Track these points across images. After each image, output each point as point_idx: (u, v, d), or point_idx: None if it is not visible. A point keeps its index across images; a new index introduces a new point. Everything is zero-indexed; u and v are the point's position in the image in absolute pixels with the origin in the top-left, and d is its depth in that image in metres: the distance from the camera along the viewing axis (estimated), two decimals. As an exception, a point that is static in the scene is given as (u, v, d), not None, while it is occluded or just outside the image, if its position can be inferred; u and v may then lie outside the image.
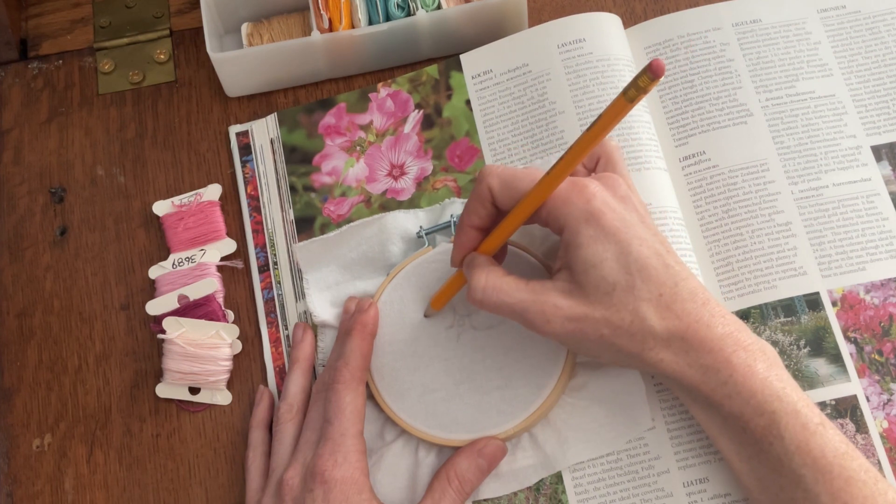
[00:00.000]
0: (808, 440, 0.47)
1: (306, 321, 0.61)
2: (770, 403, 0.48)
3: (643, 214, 0.52)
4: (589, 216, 0.50)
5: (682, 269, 0.50)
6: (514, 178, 0.52)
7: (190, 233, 0.64)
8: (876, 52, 0.65)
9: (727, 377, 0.49)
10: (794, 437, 0.47)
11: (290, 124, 0.67)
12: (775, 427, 0.48)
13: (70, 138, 0.69)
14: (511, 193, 0.52)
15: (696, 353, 0.49)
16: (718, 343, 0.49)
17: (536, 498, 0.55)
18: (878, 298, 0.58)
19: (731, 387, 0.49)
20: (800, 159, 0.62)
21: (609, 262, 0.49)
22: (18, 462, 0.60)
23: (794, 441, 0.47)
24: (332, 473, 0.52)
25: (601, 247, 0.49)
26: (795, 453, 0.47)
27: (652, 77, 0.43)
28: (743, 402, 0.48)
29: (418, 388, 0.57)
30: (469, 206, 0.54)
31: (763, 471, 0.49)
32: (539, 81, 0.64)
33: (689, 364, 0.49)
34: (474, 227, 0.54)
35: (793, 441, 0.47)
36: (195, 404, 0.61)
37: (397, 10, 0.66)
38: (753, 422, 0.48)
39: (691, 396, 0.51)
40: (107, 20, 0.72)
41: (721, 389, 0.49)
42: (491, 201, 0.53)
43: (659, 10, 0.69)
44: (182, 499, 0.59)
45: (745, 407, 0.48)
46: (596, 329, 0.50)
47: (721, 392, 0.49)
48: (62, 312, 0.64)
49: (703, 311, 0.49)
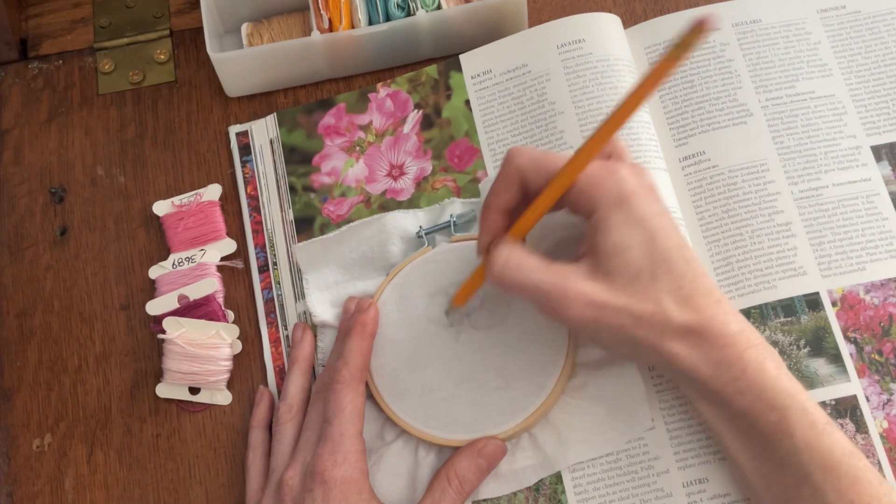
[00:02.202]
0: (818, 438, 0.48)
1: (306, 321, 0.61)
2: (781, 400, 0.48)
3: (665, 207, 0.52)
4: (620, 200, 0.49)
5: (699, 266, 0.50)
6: (545, 157, 0.52)
7: (190, 233, 0.64)
8: (876, 52, 0.65)
9: (739, 373, 0.49)
10: (804, 435, 0.48)
11: (289, 124, 0.67)
12: (785, 424, 0.48)
13: (70, 138, 0.69)
14: (542, 173, 0.51)
15: (710, 348, 0.49)
16: (732, 339, 0.49)
17: (536, 498, 0.55)
18: (877, 298, 0.58)
19: (743, 382, 0.49)
20: (800, 159, 0.62)
21: (636, 249, 0.49)
22: (18, 462, 0.60)
23: (804, 438, 0.47)
24: (332, 473, 0.52)
25: (629, 231, 0.49)
26: (804, 451, 0.47)
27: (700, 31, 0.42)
28: (754, 397, 0.48)
29: (418, 388, 0.57)
30: (495, 187, 0.53)
31: (770, 468, 0.49)
32: (539, 82, 0.64)
33: (703, 359, 0.49)
34: (499, 209, 0.53)
35: (802, 438, 0.47)
36: (195, 404, 0.61)
37: (397, 10, 0.66)
38: (764, 418, 0.48)
39: (701, 393, 0.51)
40: (107, 20, 0.72)
41: (733, 385, 0.49)
42: (518, 183, 0.52)
43: (659, 10, 0.69)
44: (182, 499, 0.59)
45: (757, 403, 0.48)
46: (617, 317, 0.49)
47: (733, 387, 0.49)
48: (62, 312, 0.64)
49: (718, 308, 0.49)
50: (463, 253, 0.59)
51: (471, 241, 0.59)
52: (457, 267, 0.59)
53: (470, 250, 0.59)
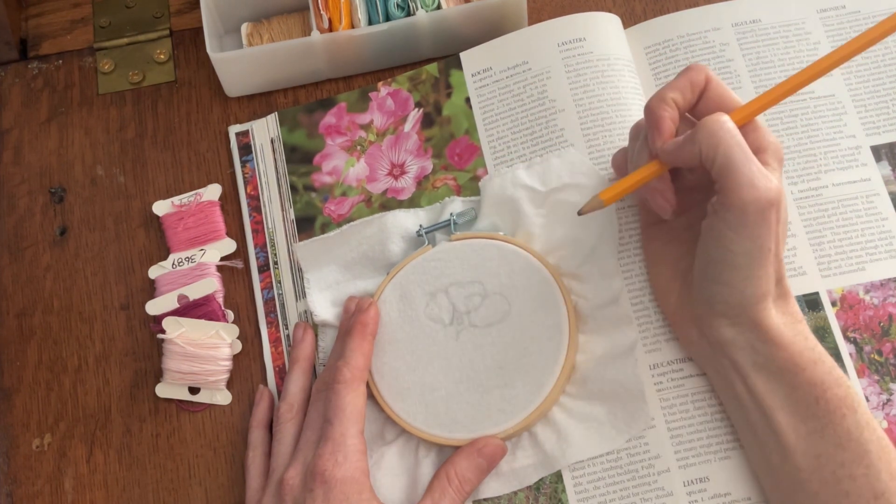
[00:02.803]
0: (873, 419, 0.50)
1: (306, 321, 0.61)
2: (845, 379, 0.50)
3: None
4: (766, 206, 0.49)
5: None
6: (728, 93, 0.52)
7: (190, 233, 0.64)
8: (876, 52, 0.65)
9: (814, 344, 0.51)
10: (866, 413, 0.49)
11: (290, 124, 0.67)
12: (850, 399, 0.49)
13: (70, 138, 0.69)
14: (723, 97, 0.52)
15: (793, 317, 0.52)
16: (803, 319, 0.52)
17: (536, 497, 0.55)
18: (877, 298, 0.58)
19: (817, 353, 0.51)
20: (799, 159, 0.62)
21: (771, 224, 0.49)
22: (18, 462, 0.60)
23: (865, 416, 0.49)
24: (333, 473, 0.52)
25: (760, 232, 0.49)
26: (866, 428, 0.49)
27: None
28: (826, 370, 0.50)
29: (418, 388, 0.57)
30: (676, 84, 0.52)
31: (825, 446, 0.49)
32: (539, 79, 0.64)
33: (788, 322, 0.51)
34: (672, 106, 0.52)
35: (864, 415, 0.49)
36: (195, 404, 0.61)
37: (397, 10, 0.66)
38: (831, 391, 0.50)
39: (769, 360, 0.51)
40: (107, 20, 0.72)
41: (808, 354, 0.50)
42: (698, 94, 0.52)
43: (659, 10, 0.69)
44: (182, 499, 0.59)
45: (828, 376, 0.50)
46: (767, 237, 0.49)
47: (808, 356, 0.50)
48: (62, 312, 0.64)
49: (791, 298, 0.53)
50: (463, 252, 0.59)
51: (471, 240, 0.59)
52: (457, 265, 0.59)
53: (470, 249, 0.59)
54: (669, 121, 0.52)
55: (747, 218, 0.48)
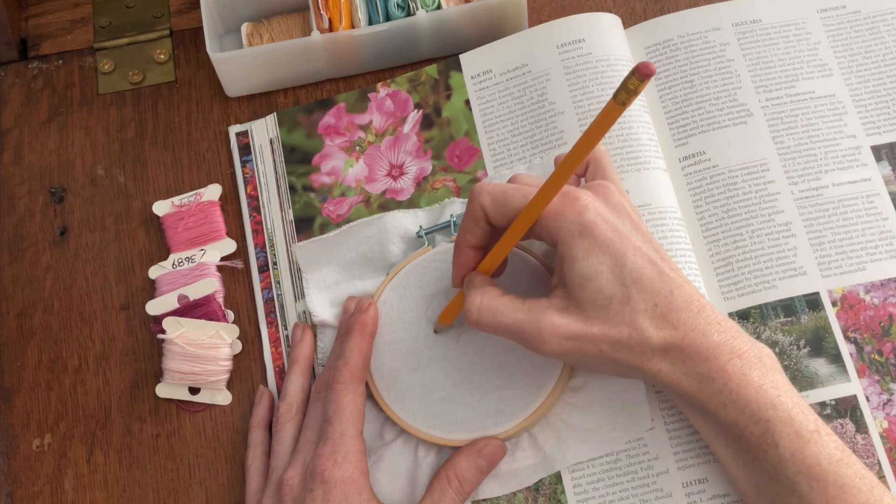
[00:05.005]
0: (803, 448, 0.47)
1: (306, 321, 0.61)
2: (765, 412, 0.48)
3: (636, 221, 0.52)
4: (582, 229, 0.49)
5: (677, 276, 0.50)
6: (504, 196, 0.51)
7: (190, 233, 0.64)
8: (876, 52, 0.65)
9: (722, 386, 0.49)
10: (789, 446, 0.47)
11: (289, 124, 0.67)
12: (770, 435, 0.48)
13: (70, 138, 0.69)
14: (504, 211, 0.51)
15: (692, 362, 0.49)
16: (714, 352, 0.49)
17: (535, 498, 0.55)
18: (877, 298, 0.58)
19: (725, 395, 0.49)
20: (800, 159, 0.62)
21: (604, 275, 0.49)
22: (18, 462, 0.60)
23: (789, 449, 0.47)
24: (332, 473, 0.52)
25: (595, 259, 0.49)
26: (790, 461, 0.47)
27: (641, 78, 0.42)
28: (738, 410, 0.48)
29: (418, 388, 0.57)
30: (464, 225, 0.53)
31: (759, 477, 0.49)
32: (538, 81, 0.64)
33: (686, 373, 0.49)
34: (471, 246, 0.53)
35: (787, 449, 0.47)
36: (195, 404, 0.61)
37: (397, 10, 0.66)
38: (748, 430, 0.48)
39: (688, 404, 0.51)
40: (107, 20, 0.72)
41: (716, 398, 0.49)
42: (485, 219, 0.52)
43: (659, 10, 0.69)
44: (182, 499, 0.59)
45: (740, 416, 0.48)
46: (595, 345, 0.49)
47: (716, 401, 0.49)
48: (62, 312, 0.64)
49: (699, 319, 0.49)
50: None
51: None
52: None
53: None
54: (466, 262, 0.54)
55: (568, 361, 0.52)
